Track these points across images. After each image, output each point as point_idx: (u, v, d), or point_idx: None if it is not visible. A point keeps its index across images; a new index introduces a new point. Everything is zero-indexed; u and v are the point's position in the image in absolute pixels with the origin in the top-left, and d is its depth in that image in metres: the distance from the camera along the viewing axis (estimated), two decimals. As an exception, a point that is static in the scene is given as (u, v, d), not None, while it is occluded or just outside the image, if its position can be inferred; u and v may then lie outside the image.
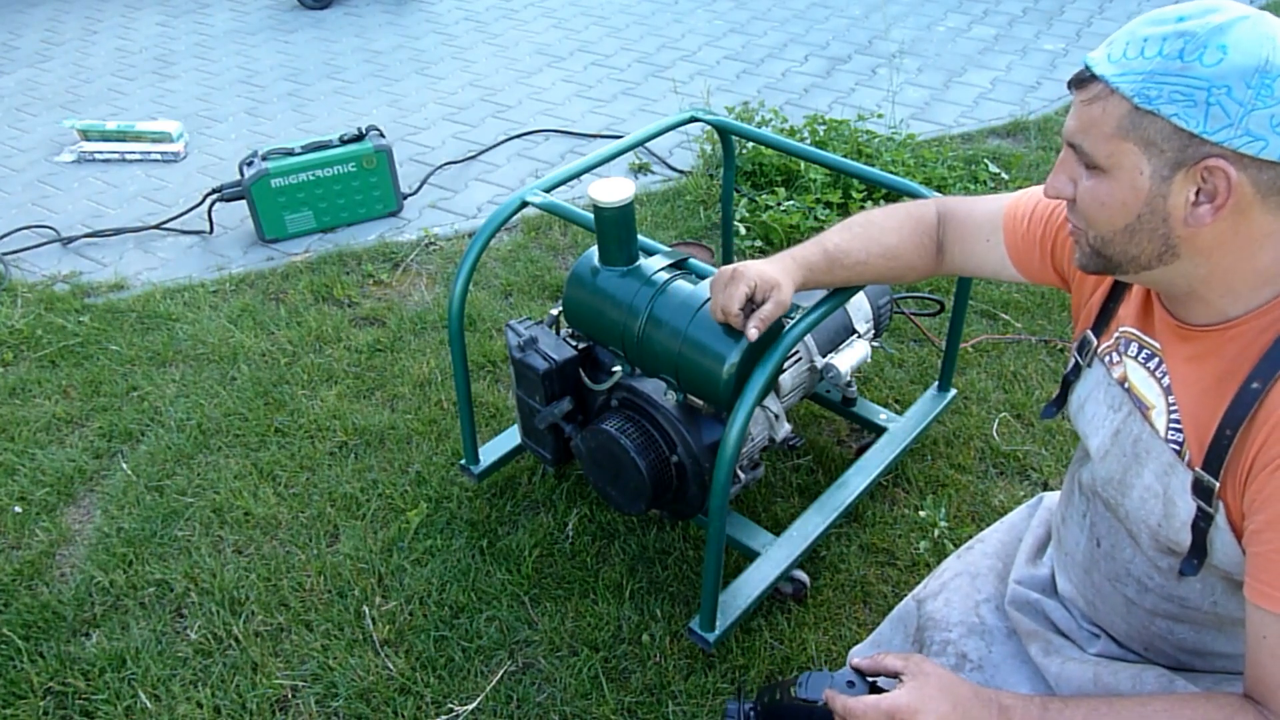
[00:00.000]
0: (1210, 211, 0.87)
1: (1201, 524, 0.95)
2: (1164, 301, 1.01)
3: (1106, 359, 1.10)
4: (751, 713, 1.12)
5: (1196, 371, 0.97)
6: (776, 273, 1.42)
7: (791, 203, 3.17)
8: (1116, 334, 1.10)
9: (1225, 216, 0.87)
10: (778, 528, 2.00)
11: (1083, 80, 0.91)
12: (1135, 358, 1.05)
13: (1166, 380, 1.01)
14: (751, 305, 1.45)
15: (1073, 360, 1.17)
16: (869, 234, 1.43)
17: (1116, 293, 1.11)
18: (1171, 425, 0.99)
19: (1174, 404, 0.99)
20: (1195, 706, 0.93)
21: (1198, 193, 0.87)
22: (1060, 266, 1.22)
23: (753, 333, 1.43)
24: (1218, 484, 0.92)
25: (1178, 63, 0.84)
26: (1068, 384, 1.18)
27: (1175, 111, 0.84)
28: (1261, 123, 0.82)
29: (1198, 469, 0.94)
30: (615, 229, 1.69)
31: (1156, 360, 1.02)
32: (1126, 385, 1.06)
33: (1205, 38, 0.83)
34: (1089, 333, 1.14)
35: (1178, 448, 0.98)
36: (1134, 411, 1.04)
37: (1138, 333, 1.06)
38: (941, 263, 1.42)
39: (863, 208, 3.13)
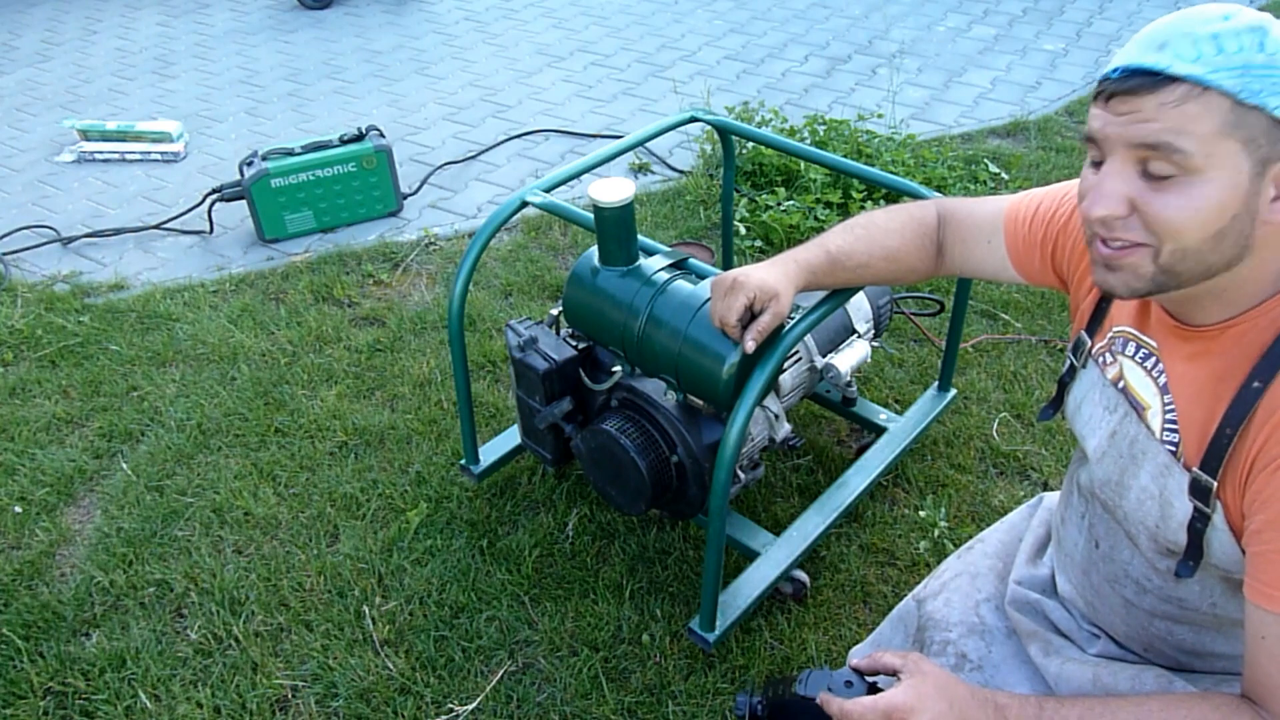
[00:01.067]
0: None
1: (1198, 524, 0.95)
2: (1164, 302, 1.00)
3: (1100, 360, 1.10)
4: (759, 705, 1.13)
5: (1194, 370, 0.97)
6: (777, 280, 1.42)
7: (791, 203, 3.17)
8: (1110, 334, 1.09)
9: None
10: (778, 528, 2.00)
11: (1149, 86, 0.84)
12: (1132, 357, 1.05)
13: (1163, 379, 1.00)
14: (750, 315, 1.45)
15: (1068, 361, 1.17)
16: (871, 236, 1.43)
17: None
18: (1167, 425, 0.99)
19: (1170, 403, 0.99)
20: (1192, 707, 0.93)
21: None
22: (1060, 268, 1.22)
23: (749, 345, 1.44)
24: (1216, 483, 0.92)
25: (1262, 55, 0.82)
26: (1064, 385, 1.18)
27: (1278, 104, 0.82)
28: None
29: (1195, 469, 0.94)
30: (615, 229, 1.69)
31: (1154, 360, 1.02)
32: (1121, 385, 1.06)
33: (1266, 28, 0.83)
34: (1083, 334, 1.14)
35: (1173, 448, 0.98)
36: (1130, 412, 1.04)
37: (1134, 332, 1.06)
38: (942, 264, 1.42)
39: (863, 208, 3.14)
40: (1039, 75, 4.25)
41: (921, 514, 2.13)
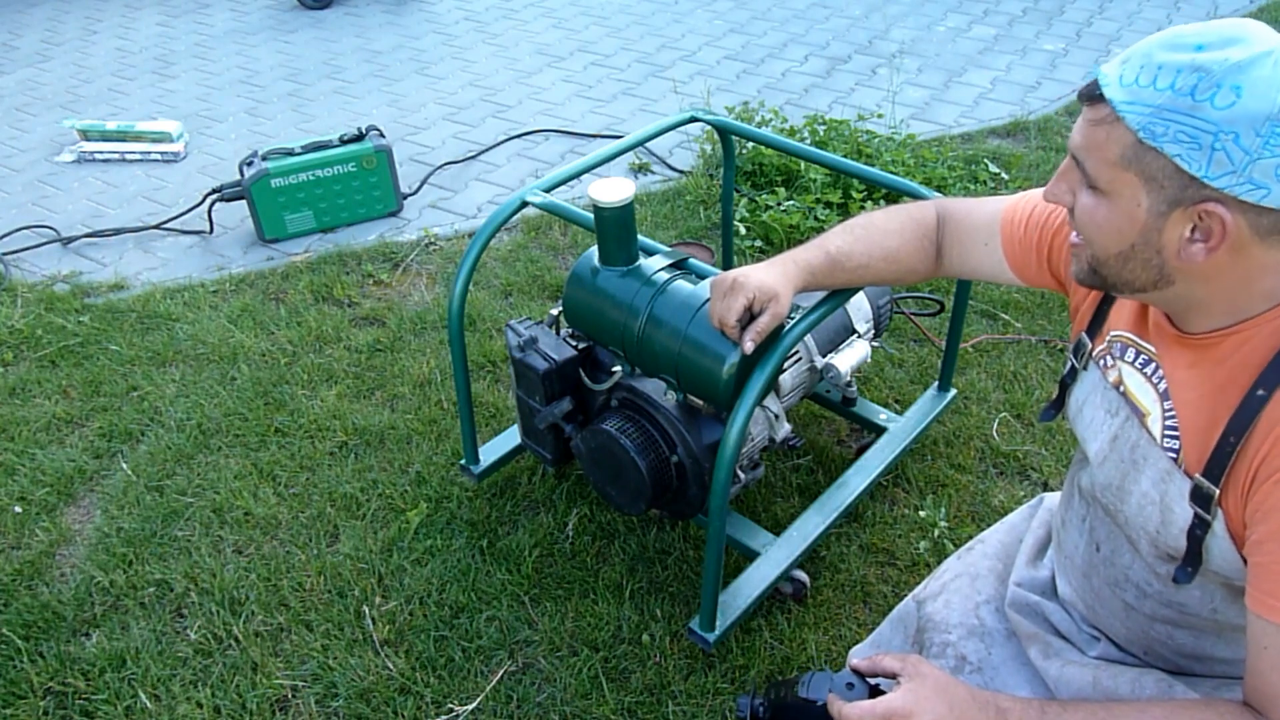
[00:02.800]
0: (1204, 250, 0.86)
1: (1198, 531, 0.94)
2: (1159, 307, 1.00)
3: (1101, 362, 1.10)
4: (761, 707, 1.13)
5: (1196, 377, 0.96)
6: (776, 281, 1.42)
7: (791, 203, 3.16)
8: (1109, 337, 1.09)
9: (1222, 253, 0.86)
10: (778, 528, 2.00)
11: (1093, 97, 0.87)
12: (1131, 363, 1.05)
13: (1163, 385, 1.00)
14: (750, 315, 1.45)
15: (1069, 363, 1.17)
16: (870, 237, 1.43)
17: (1110, 296, 1.10)
18: (1168, 432, 0.98)
19: (1170, 410, 0.98)
20: (1194, 713, 0.92)
21: (1193, 229, 0.86)
22: (1057, 270, 1.22)
23: (748, 346, 1.44)
24: (1218, 491, 0.91)
25: (1188, 100, 0.80)
26: (1065, 386, 1.18)
27: (1179, 152, 0.82)
28: (1266, 171, 0.80)
29: (1197, 475, 0.93)
30: (615, 229, 1.69)
31: (1153, 365, 1.02)
32: (1121, 389, 1.06)
33: (1220, 76, 0.79)
34: (1083, 335, 1.14)
35: (1174, 455, 0.97)
36: (1131, 417, 1.03)
37: (1133, 337, 1.05)
38: (941, 265, 1.42)
39: (863, 208, 3.14)
40: (1039, 75, 4.25)
41: (921, 514, 2.13)
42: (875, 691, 1.04)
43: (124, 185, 3.74)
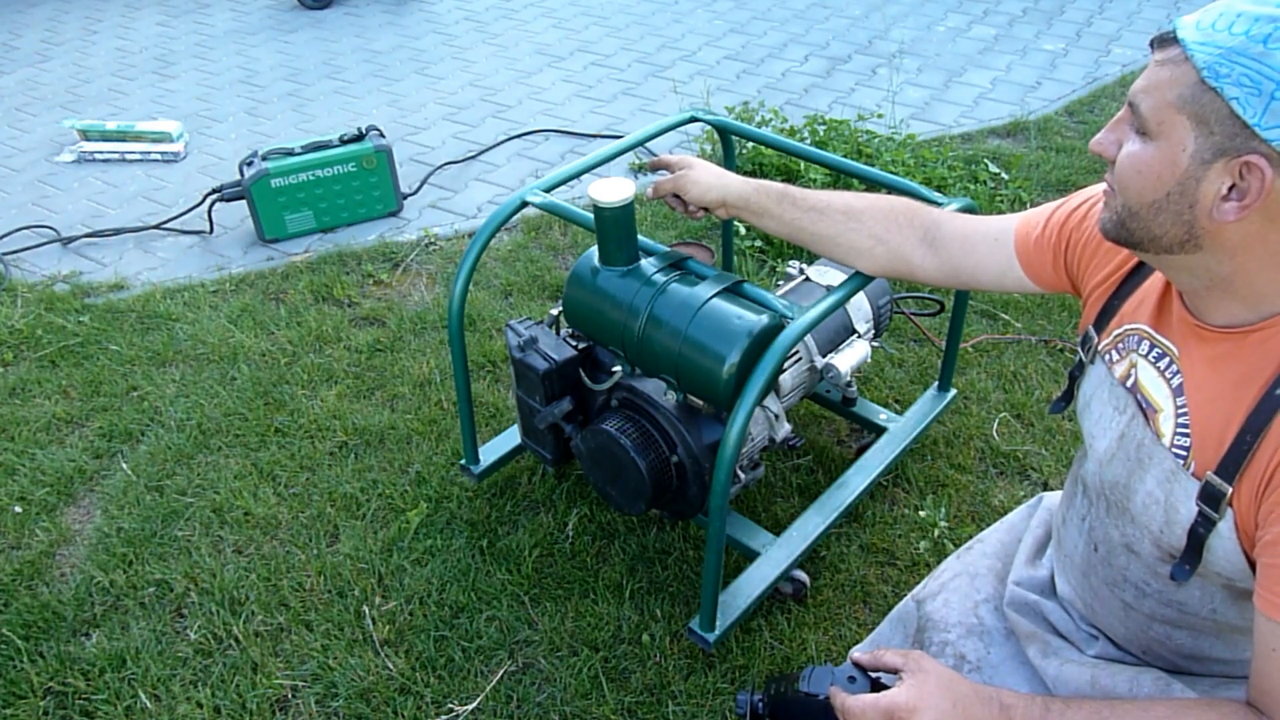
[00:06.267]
0: (1236, 209, 0.85)
1: (1200, 529, 0.94)
2: (1185, 299, 0.99)
3: (1107, 357, 1.10)
4: (760, 703, 1.13)
5: (1214, 374, 0.95)
6: (713, 172, 1.61)
7: (791, 203, 3.16)
8: (1117, 331, 1.09)
9: (1253, 219, 0.85)
10: (778, 528, 2.00)
11: (1165, 40, 0.87)
12: (1146, 356, 1.04)
13: (1176, 381, 0.99)
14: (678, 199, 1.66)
15: (1078, 356, 1.17)
16: (837, 193, 1.52)
17: (1123, 291, 1.10)
18: (1179, 429, 0.97)
19: (1183, 406, 0.97)
20: (1198, 713, 0.92)
21: (1231, 187, 0.84)
22: (1071, 268, 1.21)
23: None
24: (1230, 489, 0.91)
25: (1259, 46, 0.80)
26: (1074, 380, 1.18)
27: (1237, 95, 0.81)
28: None
29: (1209, 474, 0.92)
30: (615, 229, 1.69)
31: (1168, 360, 1.01)
32: (1131, 384, 1.05)
33: None
34: (1090, 329, 1.13)
35: (1183, 453, 0.96)
36: (1138, 415, 1.03)
37: (1150, 330, 1.04)
38: (928, 259, 1.42)
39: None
40: (1039, 75, 4.25)
41: (921, 514, 2.13)
42: (877, 686, 1.04)
43: (124, 185, 3.74)
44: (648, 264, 1.74)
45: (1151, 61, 0.88)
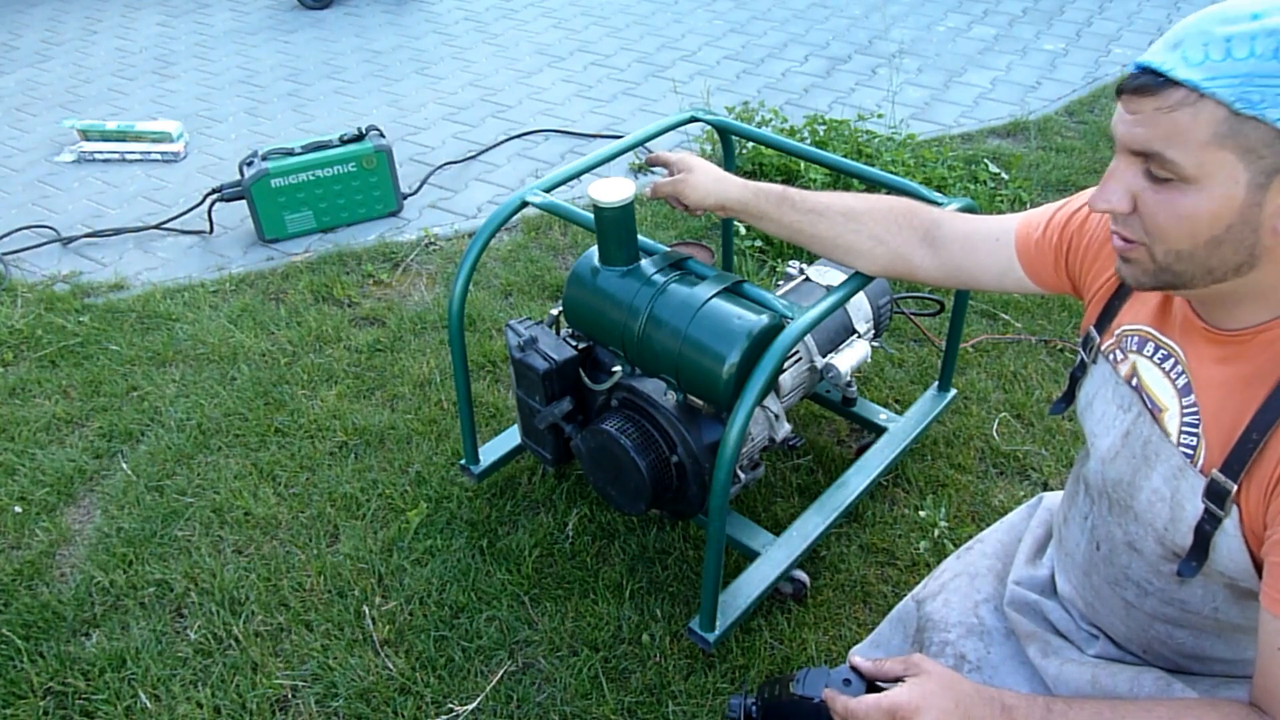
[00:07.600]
0: None
1: (1206, 527, 0.94)
2: (1195, 306, 0.98)
3: (1110, 356, 1.09)
4: (753, 708, 1.12)
5: (1223, 374, 0.95)
6: (713, 176, 1.59)
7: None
8: (1118, 331, 1.09)
9: None
10: (778, 528, 2.00)
11: (1151, 88, 0.83)
12: (1150, 357, 1.04)
13: (1182, 381, 0.99)
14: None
15: (1079, 356, 1.17)
16: (836, 194, 1.51)
17: (1124, 291, 1.09)
18: (1186, 428, 0.97)
19: (1190, 405, 0.97)
20: (1200, 713, 0.92)
21: None
22: (1073, 270, 1.21)
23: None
24: (1236, 487, 0.90)
25: (1274, 63, 0.78)
26: (1075, 380, 1.18)
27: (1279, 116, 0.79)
28: None
29: (1215, 471, 0.92)
30: (615, 229, 1.69)
31: (1173, 361, 1.00)
32: (1135, 383, 1.05)
33: None
34: (1092, 329, 1.13)
35: (1190, 451, 0.96)
36: (1144, 413, 1.03)
37: (1152, 331, 1.04)
38: (928, 259, 1.41)
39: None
40: (1039, 75, 4.25)
41: (921, 514, 2.13)
42: (873, 687, 1.04)
43: (124, 185, 3.74)
44: (648, 264, 1.74)
45: (1147, 109, 0.84)
